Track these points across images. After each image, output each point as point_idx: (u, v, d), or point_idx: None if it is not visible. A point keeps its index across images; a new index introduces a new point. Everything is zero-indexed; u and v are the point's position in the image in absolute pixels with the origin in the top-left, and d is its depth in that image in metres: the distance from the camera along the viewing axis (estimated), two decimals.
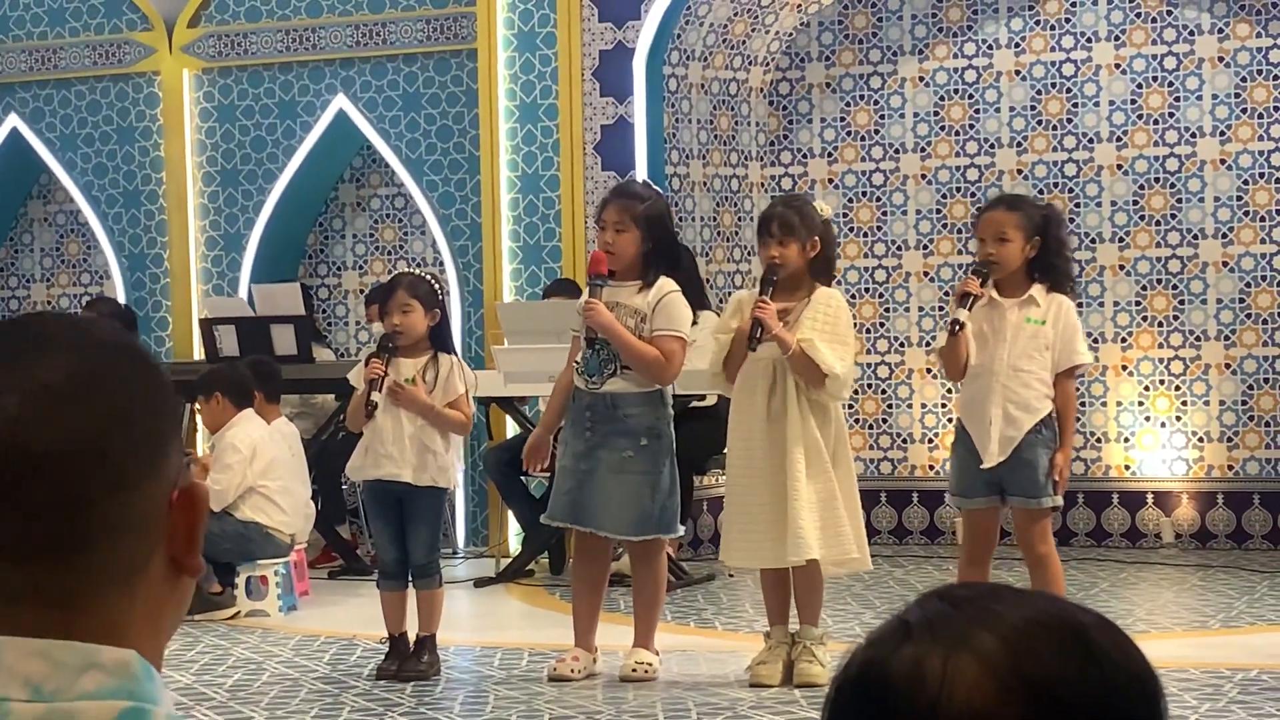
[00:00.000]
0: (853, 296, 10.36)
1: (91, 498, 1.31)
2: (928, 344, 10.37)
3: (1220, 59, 9.93)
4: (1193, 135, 9.97)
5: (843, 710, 1.30)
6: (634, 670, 6.53)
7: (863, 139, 10.51)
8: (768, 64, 10.60)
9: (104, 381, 1.35)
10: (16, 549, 1.30)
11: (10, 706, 1.28)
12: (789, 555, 6.32)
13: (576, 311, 6.72)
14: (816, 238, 6.43)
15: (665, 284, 6.59)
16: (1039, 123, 10.22)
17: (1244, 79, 9.90)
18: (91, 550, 1.32)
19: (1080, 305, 10.07)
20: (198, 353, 10.43)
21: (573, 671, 6.55)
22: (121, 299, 10.92)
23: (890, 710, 1.26)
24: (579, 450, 6.58)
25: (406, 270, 7.53)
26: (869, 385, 10.45)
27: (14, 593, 1.31)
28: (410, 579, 6.80)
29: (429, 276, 6.96)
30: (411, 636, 6.79)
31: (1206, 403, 9.95)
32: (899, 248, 10.45)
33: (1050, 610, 1.30)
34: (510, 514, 9.68)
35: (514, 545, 9.75)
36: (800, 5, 10.47)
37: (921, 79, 10.41)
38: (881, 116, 10.48)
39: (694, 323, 7.00)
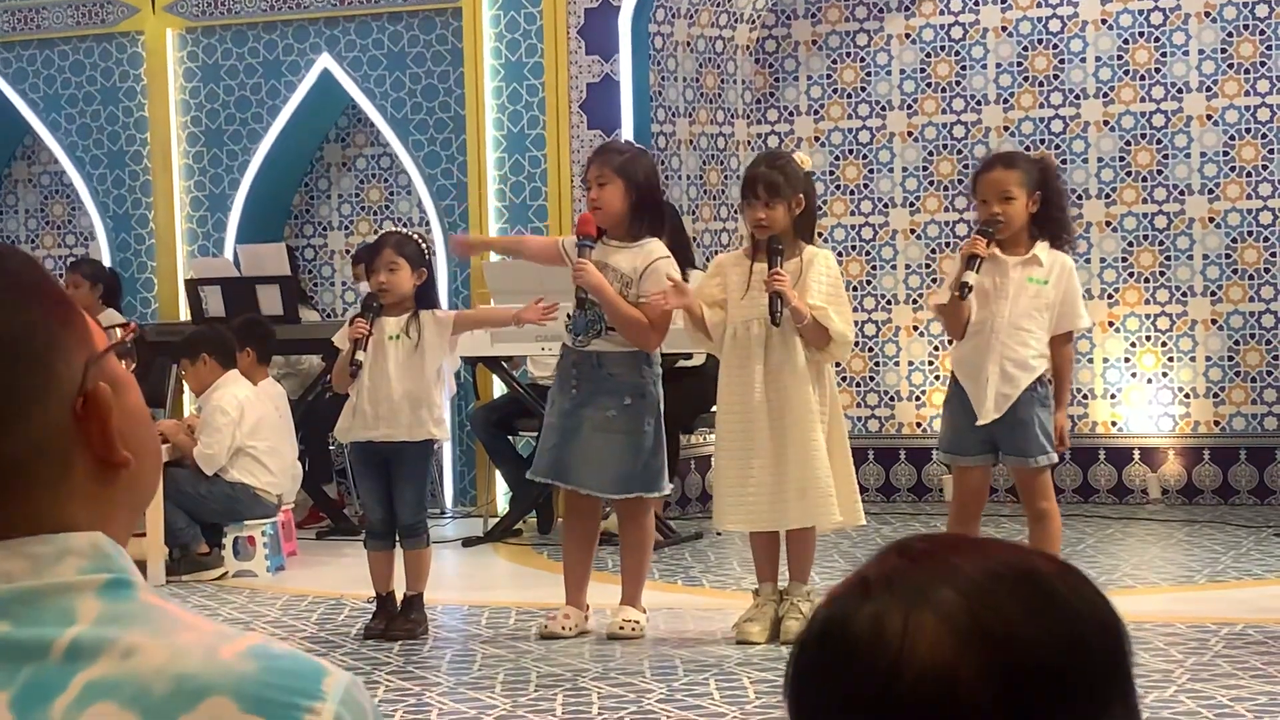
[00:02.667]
0: (839, 254, 10.34)
1: None
2: (915, 301, 10.36)
3: (1206, 14, 9.91)
4: (1179, 91, 9.96)
5: (806, 669, 1.30)
6: (621, 628, 6.55)
7: (849, 96, 10.49)
8: (754, 21, 10.56)
9: None
10: None
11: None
12: (813, 518, 6.36)
13: (563, 248, 6.71)
14: (801, 195, 6.43)
15: (655, 248, 6.58)
16: (1025, 79, 10.20)
17: (1230, 34, 9.88)
18: (6, 478, 1.35)
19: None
20: (183, 314, 10.41)
21: (563, 629, 6.56)
22: (106, 260, 10.90)
23: (852, 669, 1.26)
24: (565, 408, 6.60)
25: (393, 229, 7.53)
26: (856, 343, 10.40)
27: None
28: (398, 539, 6.81)
29: (416, 236, 6.96)
30: (399, 596, 6.80)
31: (1193, 359, 9.96)
32: (885, 205, 10.44)
33: (1010, 561, 1.29)
34: (498, 474, 9.68)
35: (501, 505, 9.76)
36: None
37: (908, 36, 10.39)
38: (868, 73, 10.46)
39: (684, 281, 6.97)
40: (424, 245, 6.90)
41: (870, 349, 10.46)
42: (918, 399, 10.39)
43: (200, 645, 1.32)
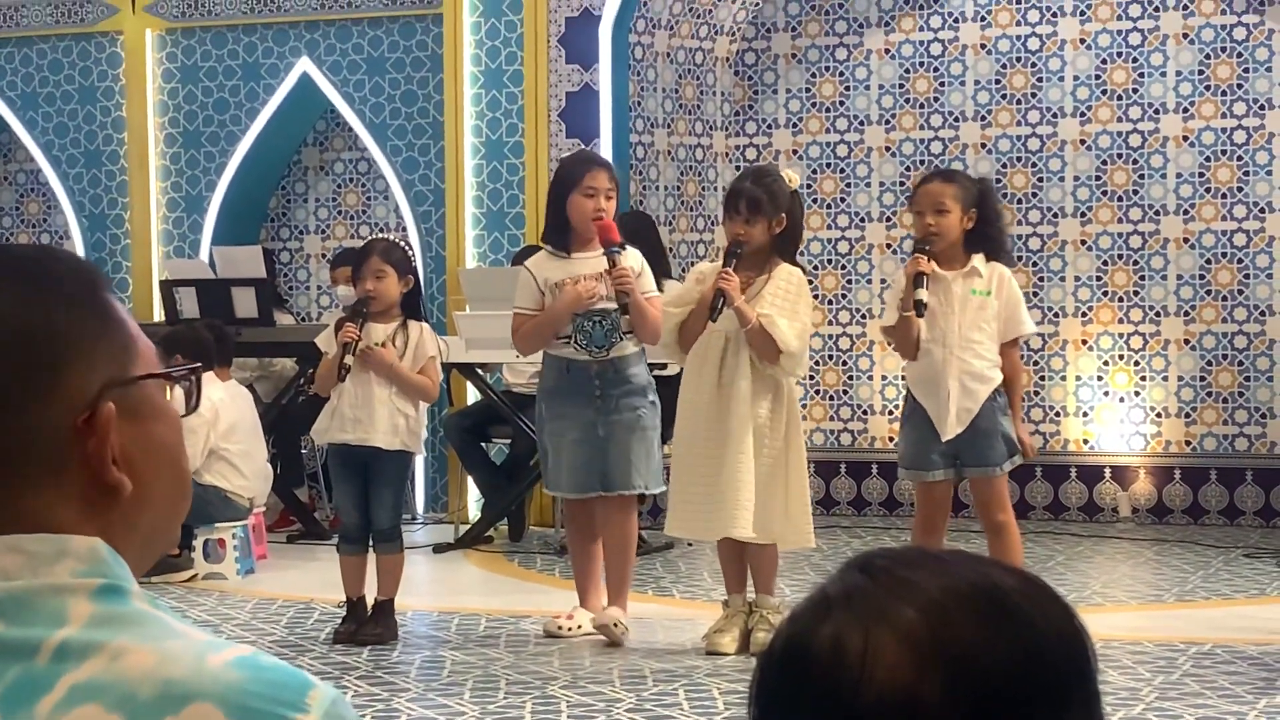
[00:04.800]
0: (815, 267, 10.37)
1: None
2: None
3: (1184, 35, 9.95)
4: (1156, 111, 10.00)
5: (768, 687, 1.30)
6: (615, 625, 6.57)
7: (828, 110, 10.51)
8: (734, 34, 10.58)
9: None
10: None
11: None
12: (725, 528, 6.36)
13: (558, 284, 6.72)
14: (783, 214, 6.46)
15: (633, 250, 6.74)
16: (1003, 97, 10.23)
17: (1208, 56, 9.93)
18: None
19: (1041, 279, 10.11)
20: (158, 314, 10.38)
21: (562, 629, 6.71)
22: None
23: (815, 690, 1.26)
24: (589, 419, 6.63)
25: (380, 236, 7.53)
26: (830, 357, 10.47)
27: None
28: (371, 543, 6.81)
29: (401, 243, 6.98)
30: (370, 601, 6.80)
31: (1165, 378, 9.99)
32: (862, 219, 10.46)
33: (969, 577, 1.28)
34: (470, 480, 9.68)
35: (473, 511, 9.75)
36: None
37: (887, 51, 10.41)
38: (847, 88, 10.48)
39: (659, 290, 7.03)
40: (410, 253, 6.94)
41: (844, 363, 10.48)
42: (890, 413, 10.40)
43: (189, 652, 1.32)
